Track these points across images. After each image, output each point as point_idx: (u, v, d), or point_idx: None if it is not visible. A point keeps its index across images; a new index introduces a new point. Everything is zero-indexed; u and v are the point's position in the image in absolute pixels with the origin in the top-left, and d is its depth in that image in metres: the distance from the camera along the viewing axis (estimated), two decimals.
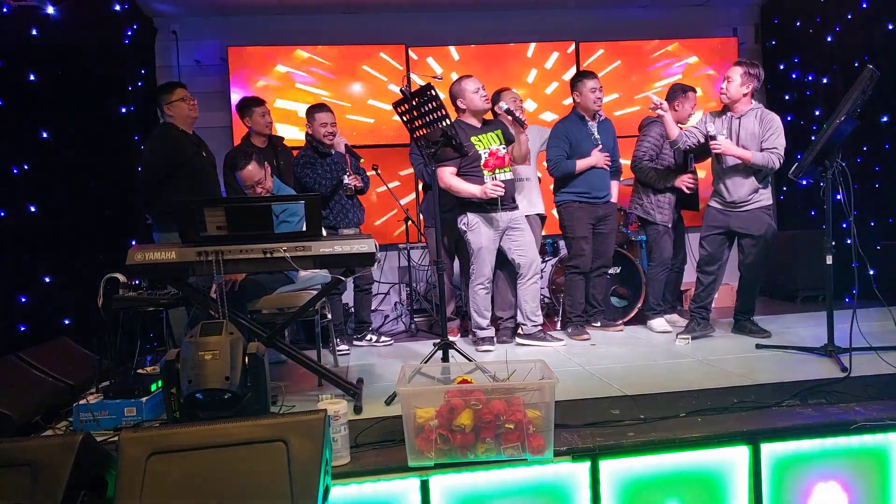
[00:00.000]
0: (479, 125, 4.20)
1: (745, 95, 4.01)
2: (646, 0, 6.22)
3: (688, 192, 4.56)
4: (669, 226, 4.60)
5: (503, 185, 4.01)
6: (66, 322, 3.89)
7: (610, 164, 4.50)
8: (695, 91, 4.75)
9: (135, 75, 5.06)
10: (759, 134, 3.98)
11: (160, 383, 2.90)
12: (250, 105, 4.67)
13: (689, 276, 4.90)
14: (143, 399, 2.83)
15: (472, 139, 4.09)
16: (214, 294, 3.15)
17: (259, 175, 3.65)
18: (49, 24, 3.91)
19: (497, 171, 4.07)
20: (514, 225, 4.20)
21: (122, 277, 3.14)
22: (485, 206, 4.10)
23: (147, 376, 3.08)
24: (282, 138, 5.00)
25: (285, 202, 3.67)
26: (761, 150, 3.96)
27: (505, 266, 4.36)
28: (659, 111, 4.10)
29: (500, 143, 4.15)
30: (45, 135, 3.86)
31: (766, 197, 4.07)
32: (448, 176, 4.07)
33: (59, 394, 3.07)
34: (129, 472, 1.82)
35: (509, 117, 4.18)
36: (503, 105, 4.16)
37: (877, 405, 2.58)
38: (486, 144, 4.11)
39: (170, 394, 2.38)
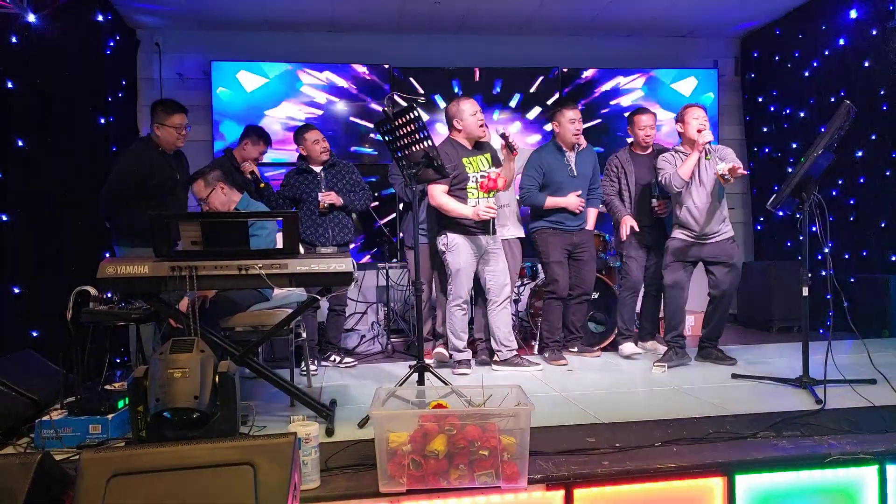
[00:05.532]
0: (470, 147, 4.18)
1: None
2: (628, 30, 6.31)
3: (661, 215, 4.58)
4: (632, 251, 4.56)
5: (496, 208, 4.01)
6: (34, 334, 3.78)
7: (582, 208, 4.46)
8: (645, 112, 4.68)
9: (115, 86, 5.01)
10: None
11: (127, 400, 2.82)
12: (252, 134, 4.76)
13: None
14: (109, 416, 2.75)
15: (464, 160, 4.08)
16: (186, 310, 3.09)
17: (202, 195, 3.68)
18: (29, 32, 3.86)
19: (491, 193, 4.06)
20: (491, 249, 4.19)
21: (93, 290, 3.07)
22: (470, 228, 4.08)
23: (114, 393, 2.99)
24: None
25: (261, 218, 3.62)
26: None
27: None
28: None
29: (490, 167, 4.15)
30: (20, 143, 3.78)
31: (730, 228, 4.25)
32: (440, 194, 4.04)
33: (22, 408, 2.96)
34: (89, 495, 1.75)
35: (502, 141, 4.03)
36: (500, 128, 4.04)
37: (851, 439, 2.57)
38: (476, 168, 4.11)
39: (136, 412, 2.32)
